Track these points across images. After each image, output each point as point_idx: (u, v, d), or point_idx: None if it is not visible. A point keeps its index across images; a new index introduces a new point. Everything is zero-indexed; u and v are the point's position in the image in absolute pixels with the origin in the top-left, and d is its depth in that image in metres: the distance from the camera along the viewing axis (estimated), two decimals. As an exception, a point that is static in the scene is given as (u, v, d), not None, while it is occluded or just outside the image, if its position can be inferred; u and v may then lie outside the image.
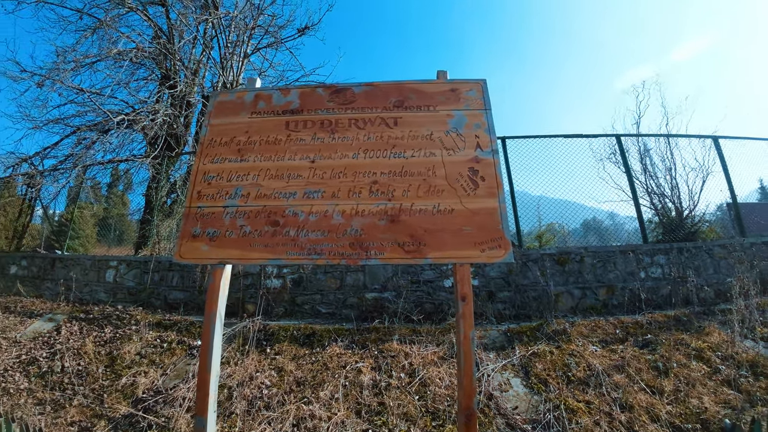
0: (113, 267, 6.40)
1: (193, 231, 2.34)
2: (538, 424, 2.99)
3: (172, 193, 8.14)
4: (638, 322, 4.42)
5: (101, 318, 5.22)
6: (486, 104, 2.51)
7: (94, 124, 8.98)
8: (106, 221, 11.08)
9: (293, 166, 2.42)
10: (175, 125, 8.41)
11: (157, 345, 4.32)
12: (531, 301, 4.85)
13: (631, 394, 3.30)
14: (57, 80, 8.19)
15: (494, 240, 2.12)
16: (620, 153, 6.69)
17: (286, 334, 4.13)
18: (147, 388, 3.70)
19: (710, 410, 3.11)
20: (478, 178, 2.26)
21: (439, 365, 3.51)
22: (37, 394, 3.81)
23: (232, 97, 2.75)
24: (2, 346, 4.78)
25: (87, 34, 9.04)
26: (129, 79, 9.39)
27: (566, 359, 3.71)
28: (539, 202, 6.51)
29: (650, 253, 5.46)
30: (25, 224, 9.70)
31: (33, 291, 6.95)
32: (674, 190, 6.93)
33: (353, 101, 2.61)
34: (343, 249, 2.17)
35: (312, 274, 5.04)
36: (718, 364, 3.67)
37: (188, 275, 5.63)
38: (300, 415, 2.97)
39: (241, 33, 9.89)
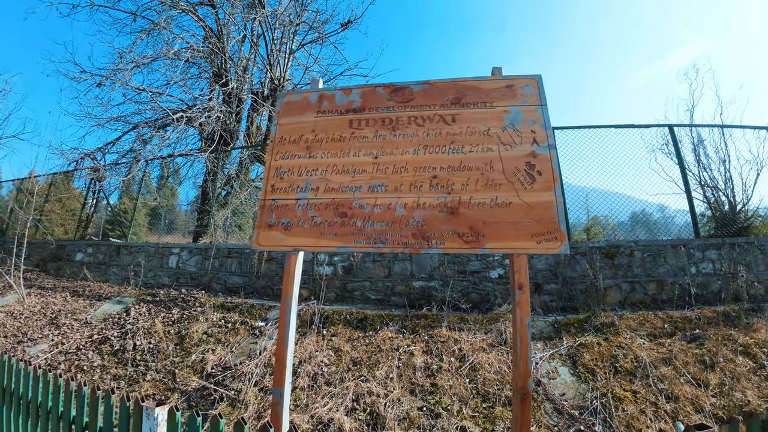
0: (175, 254, 6.92)
1: (268, 221, 2.59)
2: (585, 410, 3.10)
3: (225, 185, 8.63)
4: (687, 317, 4.37)
5: (167, 300, 5.70)
6: (542, 100, 2.60)
7: (152, 120, 9.61)
8: (157, 211, 11.85)
9: (358, 162, 2.62)
10: (229, 121, 8.88)
11: (222, 325, 4.71)
12: (578, 294, 4.88)
13: (676, 386, 3.33)
14: (118, 80, 8.82)
15: (551, 232, 2.23)
16: (673, 144, 6.49)
17: (339, 317, 4.40)
18: (215, 364, 4.06)
19: (753, 403, 3.14)
20: (534, 172, 2.37)
21: (488, 352, 3.66)
22: (111, 371, 4.23)
23: (298, 98, 2.98)
24: (73, 327, 5.31)
25: (142, 36, 9.61)
26: (183, 77, 9.92)
27: (613, 351, 3.76)
28: (587, 194, 6.44)
29: (702, 248, 5.32)
30: (90, 215, 10.55)
31: (99, 276, 7.62)
32: (728, 183, 6.65)
33: (411, 99, 2.77)
34: (406, 239, 2.36)
35: (361, 262, 5.30)
36: (764, 360, 3.63)
37: (246, 261, 6.04)
38: (358, 391, 3.22)
39: (286, 30, 10.21)
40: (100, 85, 9.26)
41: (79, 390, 2.26)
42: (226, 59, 9.43)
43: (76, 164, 10.02)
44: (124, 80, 8.78)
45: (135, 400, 1.96)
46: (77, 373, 4.20)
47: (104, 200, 10.89)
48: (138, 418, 1.93)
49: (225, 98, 9.32)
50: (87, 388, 2.27)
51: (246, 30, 10.21)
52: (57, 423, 2.37)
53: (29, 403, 2.56)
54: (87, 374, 4.18)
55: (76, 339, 4.91)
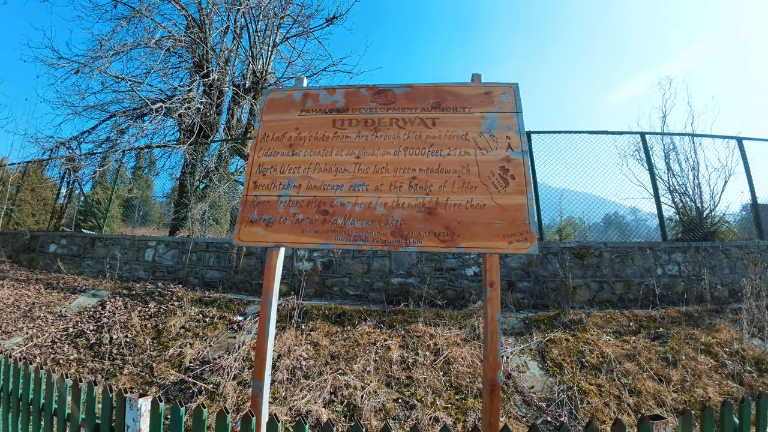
0: (152, 247, 6.83)
1: (250, 217, 2.64)
2: (552, 402, 3.27)
3: (204, 178, 8.54)
4: (651, 316, 4.61)
5: (144, 294, 5.64)
6: (517, 107, 2.72)
7: (130, 110, 9.41)
8: (131, 202, 11.61)
9: (340, 161, 2.69)
10: (209, 113, 8.78)
11: (200, 320, 4.71)
12: (549, 292, 5.08)
13: (640, 381, 3.53)
14: (96, 68, 8.61)
15: (521, 233, 2.36)
16: (644, 151, 6.77)
17: (318, 312, 4.47)
18: (193, 358, 4.08)
19: (713, 400, 3.34)
20: (508, 176, 2.49)
21: (461, 346, 3.80)
22: (88, 364, 4.18)
23: (283, 95, 3.02)
24: (48, 320, 5.20)
25: (122, 23, 9.39)
26: (163, 66, 9.75)
27: (581, 346, 3.95)
28: (561, 195, 6.66)
29: (668, 251, 5.59)
30: (64, 205, 10.26)
31: (73, 268, 7.44)
32: (696, 189, 6.99)
33: (394, 102, 2.85)
34: (385, 237, 2.44)
35: (341, 258, 5.37)
36: (725, 359, 3.86)
37: (224, 256, 6.02)
38: (336, 384, 3.31)
39: (270, 22, 10.13)
40: (78, 72, 9.04)
41: (60, 381, 2.26)
42: (207, 50, 9.32)
43: (51, 153, 9.78)
44: (103, 68, 8.59)
45: (118, 391, 1.98)
46: (54, 366, 4.15)
47: (78, 190, 10.61)
48: (121, 409, 1.95)
49: (205, 89, 9.21)
50: (69, 379, 2.27)
51: (229, 21, 10.09)
52: (38, 415, 2.36)
53: (9, 395, 2.53)
54: (63, 367, 4.13)
55: (51, 332, 4.82)
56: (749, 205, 6.75)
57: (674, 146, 7.25)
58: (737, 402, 1.97)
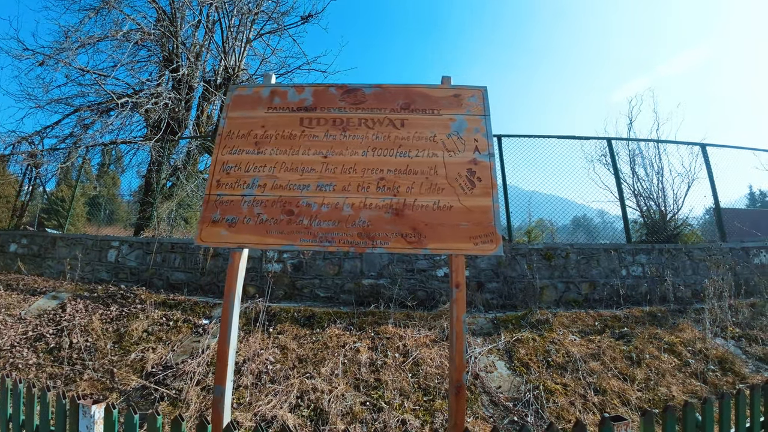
0: (115, 247, 6.57)
1: (213, 217, 2.55)
2: (519, 402, 3.30)
3: (171, 176, 8.28)
4: (616, 315, 4.74)
5: (106, 296, 5.41)
6: (485, 110, 2.74)
7: (96, 104, 9.04)
8: (96, 200, 11.15)
9: (307, 160, 2.64)
10: (177, 109, 8.51)
11: (163, 323, 4.55)
12: (518, 293, 5.16)
13: (605, 380, 3.61)
14: (62, 60, 8.24)
15: (487, 235, 2.37)
16: (610, 155, 6.97)
17: (287, 315, 4.39)
18: (156, 363, 3.93)
19: (677, 398, 3.44)
20: (475, 178, 2.50)
21: (430, 347, 3.80)
22: (47, 369, 4.00)
23: (250, 92, 2.95)
24: (7, 323, 4.94)
25: (90, 14, 9.03)
26: (131, 60, 9.40)
27: (547, 346, 4.02)
28: (531, 197, 6.79)
29: (632, 253, 5.77)
30: (26, 203, 9.77)
31: (34, 269, 7.08)
32: (660, 193, 7.23)
33: (363, 102, 2.82)
34: (352, 238, 2.41)
35: (312, 260, 5.29)
36: (689, 358, 3.99)
37: (191, 257, 5.84)
38: (303, 388, 3.24)
39: (244, 18, 9.91)
40: (43, 64, 8.62)
41: (14, 387, 2.18)
42: (178, 44, 9.04)
43: (12, 148, 9.29)
44: (68, 60, 8.24)
45: (71, 397, 1.92)
46: (12, 371, 3.95)
47: (41, 187, 10.12)
48: (75, 416, 1.89)
49: (175, 85, 8.93)
50: (22, 385, 2.19)
51: (201, 15, 9.84)
52: None
53: None
54: (22, 372, 3.94)
55: (9, 336, 4.57)
56: (712, 209, 7.04)
57: (640, 151, 7.49)
58: (700, 401, 2.03)
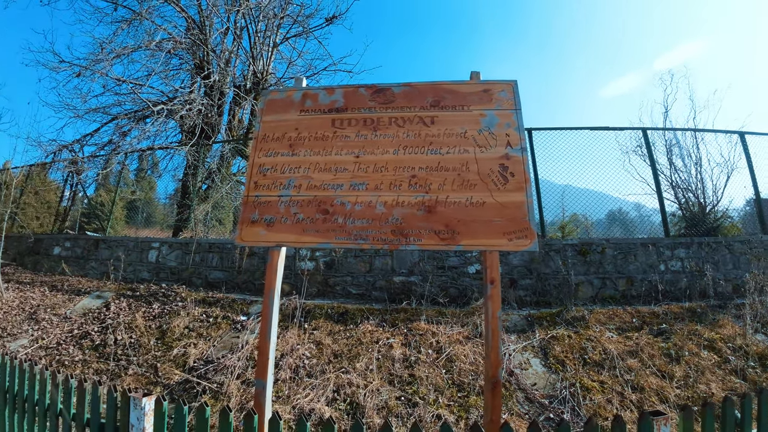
0: (155, 248, 6.87)
1: (251, 217, 2.65)
2: (555, 399, 3.27)
3: (206, 179, 8.58)
4: (654, 312, 4.60)
5: (148, 295, 5.67)
6: (516, 104, 2.72)
7: (132, 112, 9.45)
8: (134, 204, 11.66)
9: (340, 160, 2.70)
10: (210, 114, 8.80)
11: (203, 320, 4.74)
12: (552, 289, 5.08)
13: (642, 377, 3.52)
14: (98, 71, 8.65)
15: (521, 230, 2.36)
16: (646, 146, 6.74)
17: (321, 311, 4.49)
18: (197, 358, 4.10)
19: (716, 396, 3.33)
20: (507, 173, 2.49)
21: (464, 344, 3.81)
22: (93, 365, 4.22)
23: (282, 96, 3.03)
24: (53, 322, 5.24)
25: (123, 26, 9.43)
26: (164, 68, 9.78)
27: (583, 343, 3.95)
28: (564, 192, 6.64)
29: (671, 247, 5.57)
30: (68, 208, 10.33)
31: (77, 270, 7.50)
32: (699, 184, 6.94)
33: (393, 101, 2.85)
34: (386, 235, 2.45)
35: (343, 257, 5.38)
36: (728, 355, 3.84)
37: (227, 256, 6.05)
38: (339, 382, 3.32)
39: (270, 23, 10.14)
40: (79, 76, 9.08)
41: (66, 382, 2.28)
42: (208, 51, 9.33)
43: (53, 156, 9.83)
44: (104, 71, 8.64)
45: (122, 390, 2.00)
46: (59, 367, 4.18)
47: (81, 193, 10.68)
48: (126, 409, 1.97)
49: (207, 91, 9.23)
50: (74, 380, 2.28)
51: (229, 22, 10.11)
52: (44, 415, 2.38)
53: (15, 396, 2.55)
54: (68, 369, 4.16)
55: (56, 334, 4.86)
56: (753, 199, 6.71)
57: (677, 141, 7.20)
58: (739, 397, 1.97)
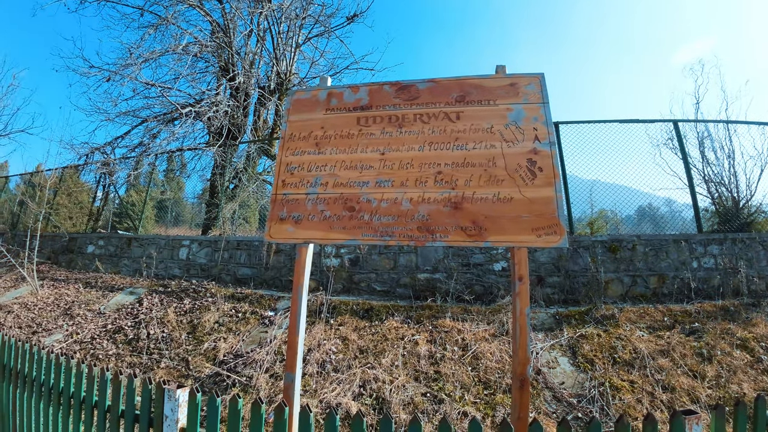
0: (186, 246, 7.09)
1: (280, 215, 2.71)
2: (583, 399, 3.22)
3: (233, 179, 8.78)
4: (686, 310, 4.46)
5: (179, 291, 5.86)
6: (544, 98, 2.68)
7: (161, 115, 9.74)
8: (164, 204, 12.03)
9: (365, 158, 2.72)
10: (236, 115, 9.00)
11: (233, 315, 4.86)
12: (580, 287, 4.98)
13: (673, 377, 3.43)
14: (127, 75, 8.95)
15: (551, 226, 2.33)
16: (677, 139, 6.51)
17: (346, 308, 4.55)
18: (227, 352, 4.22)
19: (749, 395, 3.22)
20: (536, 168, 2.46)
21: (490, 341, 3.79)
22: (126, 359, 4.38)
23: (308, 96, 3.08)
24: (87, 317, 5.47)
25: (150, 31, 9.73)
26: (190, 72, 10.04)
27: (613, 342, 3.86)
28: (592, 187, 6.49)
29: (704, 243, 5.38)
30: (101, 208, 10.75)
31: (111, 268, 7.80)
32: (732, 178, 6.67)
33: (417, 97, 2.86)
34: (412, 232, 2.47)
35: (368, 254, 5.43)
36: (761, 354, 3.70)
37: (255, 253, 6.19)
38: (365, 378, 3.36)
39: (292, 24, 10.27)
40: (109, 80, 9.42)
41: (102, 375, 2.35)
42: (232, 54, 9.53)
43: (86, 158, 10.22)
44: (133, 75, 8.92)
45: (157, 383, 2.06)
46: (93, 361, 4.35)
47: (113, 193, 11.09)
48: (160, 400, 2.03)
49: (232, 92, 9.43)
50: (109, 372, 2.35)
51: (252, 24, 10.28)
52: (79, 407, 2.44)
53: (51, 389, 2.61)
54: (102, 362, 4.33)
55: (90, 329, 5.07)
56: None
57: (708, 134, 6.94)
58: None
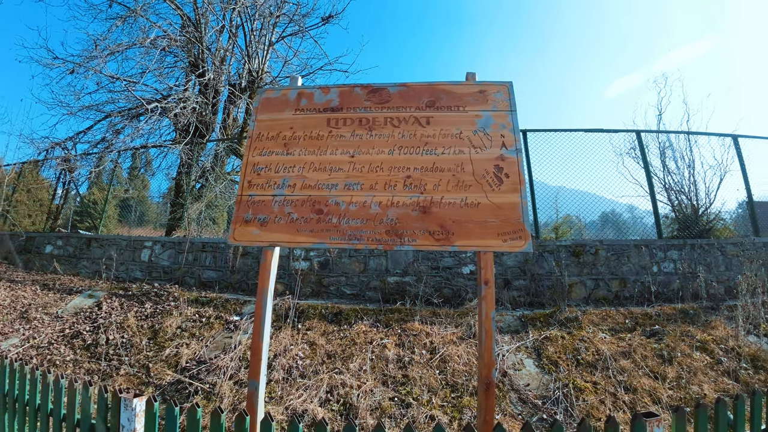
0: (148, 247, 6.82)
1: (245, 216, 2.63)
2: (548, 400, 3.28)
3: (200, 178, 8.53)
4: (647, 313, 4.63)
5: (140, 294, 5.62)
6: (512, 106, 2.73)
7: (126, 110, 9.37)
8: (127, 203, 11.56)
9: (335, 160, 2.68)
10: (204, 112, 8.76)
11: (196, 320, 4.70)
12: (545, 290, 5.10)
13: (635, 378, 3.54)
14: (92, 68, 8.59)
15: (516, 231, 2.37)
16: (640, 148, 6.79)
17: (315, 312, 4.47)
18: (190, 358, 4.07)
19: (709, 397, 3.35)
20: (502, 174, 2.50)
21: (457, 344, 3.81)
22: (84, 365, 4.17)
23: (277, 95, 3.01)
24: (45, 321, 5.18)
25: (117, 23, 9.36)
26: (158, 66, 9.71)
27: (576, 344, 3.97)
28: (557, 193, 6.68)
29: (664, 248, 5.62)
30: (60, 206, 10.23)
31: (69, 269, 7.42)
32: (692, 187, 6.99)
33: (388, 101, 2.85)
34: (380, 236, 2.45)
35: (337, 257, 5.37)
36: (721, 356, 3.87)
37: (221, 256, 6.01)
38: (332, 383, 3.31)
39: (266, 21, 10.11)
40: (73, 72, 9.01)
41: (56, 382, 2.26)
42: (203, 49, 9.28)
43: (46, 153, 9.75)
44: (98, 68, 8.56)
45: (113, 391, 1.99)
46: (50, 367, 4.14)
47: (74, 191, 10.57)
48: (116, 409, 1.96)
49: (201, 89, 9.19)
50: (64, 380, 2.27)
51: (225, 20, 10.06)
52: (34, 415, 2.37)
53: (5, 396, 2.53)
54: (60, 368, 4.12)
55: (47, 333, 4.81)
56: (745, 202, 6.78)
57: (670, 144, 7.26)
58: (732, 399, 1.98)
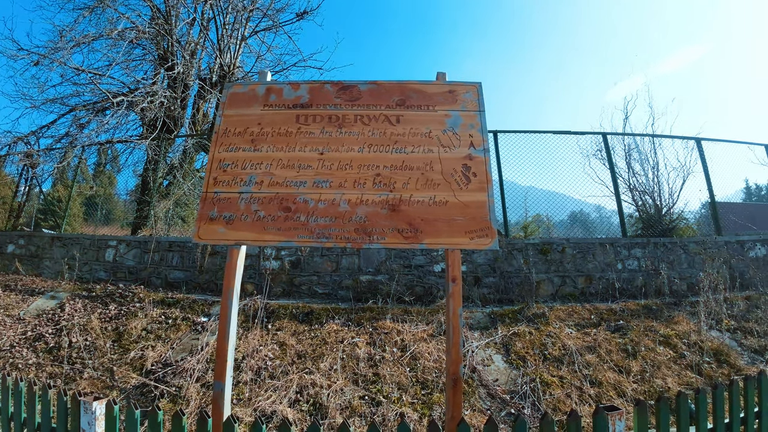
0: (113, 247, 6.57)
1: (210, 214, 2.57)
2: (516, 395, 3.34)
3: (168, 175, 8.27)
4: (612, 309, 4.78)
5: (104, 296, 5.42)
6: (480, 106, 2.77)
7: (91, 103, 9.01)
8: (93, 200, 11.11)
9: (303, 157, 2.65)
10: (173, 107, 8.50)
11: (162, 321, 4.56)
12: (514, 287, 5.20)
13: (601, 372, 3.66)
14: (56, 59, 8.20)
15: (482, 229, 2.40)
16: (606, 150, 7.01)
17: (285, 312, 4.42)
18: (155, 360, 3.95)
19: (673, 390, 3.48)
20: (470, 174, 2.53)
21: (428, 342, 3.85)
22: (47, 369, 4.02)
23: (245, 90, 2.95)
24: (6, 323, 4.94)
25: (85, 13, 8.99)
26: (125, 59, 9.37)
27: (543, 339, 4.06)
28: (527, 193, 6.82)
29: (628, 246, 5.82)
30: (22, 203, 9.75)
31: (32, 269, 7.08)
32: (656, 187, 7.26)
33: (359, 98, 2.83)
34: (349, 234, 2.43)
35: (309, 256, 5.32)
36: (684, 351, 4.04)
37: (188, 255, 5.85)
38: (302, 383, 3.28)
39: (239, 15, 9.89)
40: (38, 64, 8.61)
41: (15, 386, 2.21)
42: (173, 42, 9.00)
43: (8, 149, 9.28)
44: (63, 60, 8.20)
45: (72, 395, 1.95)
46: (12, 371, 3.97)
47: (37, 188, 10.09)
48: (76, 413, 1.92)
49: (170, 83, 8.91)
50: (23, 384, 2.21)
51: (196, 13, 9.80)
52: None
53: None
54: (22, 372, 3.96)
55: (9, 336, 4.59)
56: (708, 203, 7.08)
57: (636, 146, 7.52)
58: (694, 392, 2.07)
